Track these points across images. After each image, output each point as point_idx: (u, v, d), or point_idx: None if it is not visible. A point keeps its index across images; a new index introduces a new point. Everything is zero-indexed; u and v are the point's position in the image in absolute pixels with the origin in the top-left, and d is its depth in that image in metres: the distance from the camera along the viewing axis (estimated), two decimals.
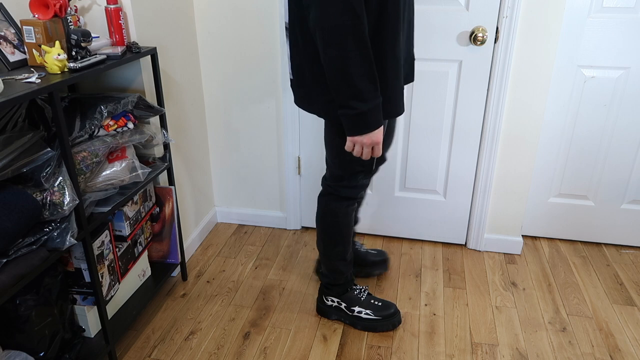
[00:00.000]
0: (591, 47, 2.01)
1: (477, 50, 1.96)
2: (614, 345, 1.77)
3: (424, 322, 1.86)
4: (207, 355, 1.72)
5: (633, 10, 1.93)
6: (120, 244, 1.73)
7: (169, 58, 1.95)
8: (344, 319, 1.84)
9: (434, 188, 2.25)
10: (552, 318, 1.89)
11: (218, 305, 1.95)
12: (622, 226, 2.29)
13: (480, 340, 1.78)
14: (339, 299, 1.83)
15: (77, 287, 1.60)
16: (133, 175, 1.62)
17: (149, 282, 1.91)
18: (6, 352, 1.33)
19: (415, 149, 2.18)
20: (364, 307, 1.80)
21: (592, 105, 2.10)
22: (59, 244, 1.33)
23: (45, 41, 1.41)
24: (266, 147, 2.33)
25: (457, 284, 2.08)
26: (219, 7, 2.10)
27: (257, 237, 2.41)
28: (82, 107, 1.50)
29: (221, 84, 2.24)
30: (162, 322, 1.87)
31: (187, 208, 2.22)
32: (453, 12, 1.93)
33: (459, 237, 2.32)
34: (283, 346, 1.75)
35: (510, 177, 2.15)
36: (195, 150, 2.25)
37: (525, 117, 2.03)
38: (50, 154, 1.32)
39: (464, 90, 2.03)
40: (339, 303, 1.83)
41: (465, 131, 2.10)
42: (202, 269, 2.16)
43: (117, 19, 1.62)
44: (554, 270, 2.17)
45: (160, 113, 1.77)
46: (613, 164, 2.18)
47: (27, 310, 1.37)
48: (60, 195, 1.32)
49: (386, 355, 1.71)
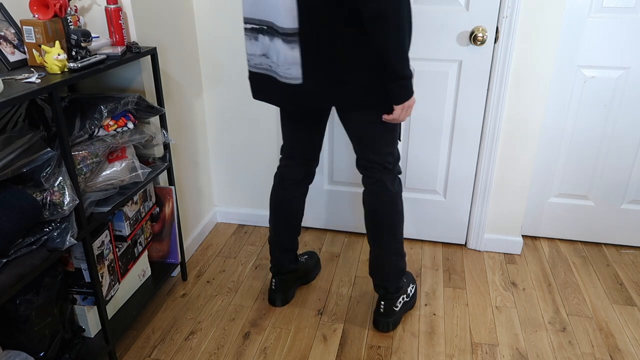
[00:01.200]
0: (591, 47, 2.01)
1: (477, 50, 1.96)
2: (614, 345, 1.77)
3: (424, 322, 1.86)
4: (207, 355, 1.72)
5: (633, 10, 1.93)
6: (120, 244, 1.73)
7: (169, 58, 1.95)
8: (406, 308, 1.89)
9: (434, 188, 2.25)
10: (552, 318, 1.89)
11: (218, 305, 1.95)
12: (622, 226, 2.29)
13: (480, 340, 1.78)
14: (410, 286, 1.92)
15: (77, 287, 1.60)
16: (133, 175, 1.62)
17: (149, 282, 1.91)
18: (6, 352, 1.33)
19: (415, 148, 2.18)
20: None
21: (592, 105, 2.10)
22: (59, 244, 1.33)
23: (45, 41, 1.41)
24: (266, 147, 2.33)
25: (457, 284, 2.08)
26: (219, 7, 2.10)
27: (257, 237, 2.41)
28: (82, 107, 1.50)
29: (221, 83, 2.24)
30: (162, 322, 1.87)
31: (187, 208, 2.22)
32: (453, 12, 1.93)
33: (459, 237, 2.32)
34: (283, 346, 1.75)
35: (510, 177, 2.15)
36: (195, 150, 2.25)
37: (525, 117, 2.03)
38: (50, 154, 1.32)
39: (464, 90, 2.03)
40: (406, 296, 1.89)
41: (465, 131, 2.10)
42: (202, 269, 2.17)
43: (117, 19, 1.62)
44: (554, 270, 2.17)
45: (160, 113, 1.77)
46: (613, 164, 2.18)
47: (27, 310, 1.37)
48: (60, 195, 1.32)
49: (386, 355, 1.71)
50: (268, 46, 1.48)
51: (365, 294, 2.01)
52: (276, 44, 1.45)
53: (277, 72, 1.49)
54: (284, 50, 1.44)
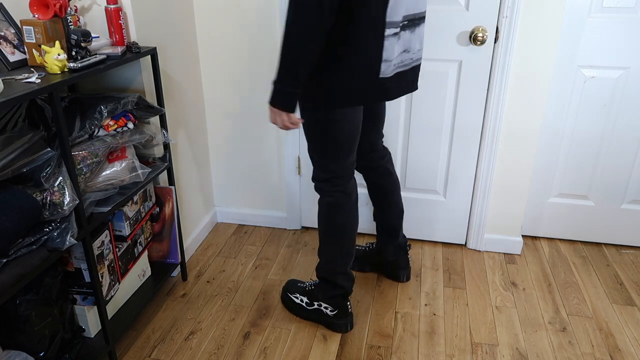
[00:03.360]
0: (591, 47, 2.01)
1: (477, 50, 1.96)
2: (614, 345, 1.77)
3: (424, 322, 1.86)
4: (207, 355, 1.72)
5: (633, 10, 1.93)
6: (120, 244, 1.73)
7: (169, 58, 1.95)
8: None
9: (434, 188, 2.25)
10: (552, 318, 1.89)
11: (218, 305, 1.95)
12: (622, 226, 2.29)
13: (480, 340, 1.78)
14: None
15: (77, 287, 1.60)
16: (133, 175, 1.62)
17: (149, 282, 1.91)
18: (6, 352, 1.33)
19: (415, 149, 2.18)
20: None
21: (592, 105, 2.10)
22: (59, 244, 1.33)
23: (45, 41, 1.41)
24: (266, 147, 2.33)
25: (457, 284, 2.08)
26: (218, 7, 2.10)
27: (257, 237, 2.41)
28: (82, 107, 1.50)
29: (221, 83, 2.24)
30: (162, 322, 1.87)
31: (187, 208, 2.22)
32: (453, 12, 1.93)
33: (459, 237, 2.32)
34: (283, 346, 1.75)
35: (510, 177, 2.15)
36: (195, 150, 2.25)
37: (525, 117, 2.03)
38: (50, 154, 1.32)
39: (464, 90, 2.03)
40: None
41: (465, 131, 2.10)
42: (202, 269, 2.17)
43: (117, 19, 1.62)
44: (554, 270, 2.17)
45: (160, 113, 1.77)
46: (613, 164, 2.18)
47: (27, 310, 1.37)
48: (60, 195, 1.32)
49: (386, 355, 1.71)
50: (409, 39, 1.55)
51: (365, 293, 2.01)
52: (419, 31, 1.58)
53: (412, 59, 1.60)
54: (423, 32, 1.60)
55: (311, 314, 1.85)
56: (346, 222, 1.70)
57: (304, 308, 1.86)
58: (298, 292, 1.88)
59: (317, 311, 1.83)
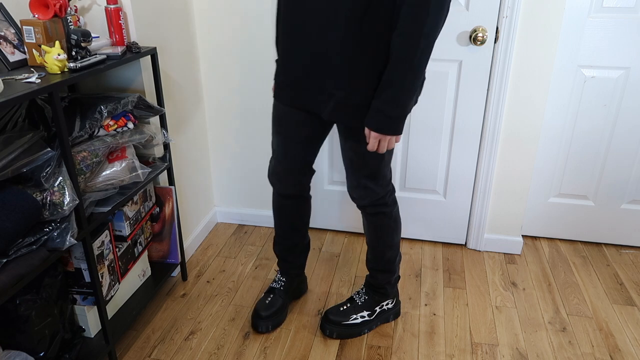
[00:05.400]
0: (591, 47, 2.01)
1: (477, 50, 1.96)
2: (614, 345, 1.77)
3: (424, 322, 1.86)
4: (207, 355, 1.72)
5: (633, 10, 1.93)
6: (120, 244, 1.73)
7: (169, 58, 1.95)
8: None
9: (434, 188, 2.25)
10: (552, 318, 1.89)
11: (218, 305, 1.95)
12: (622, 226, 2.29)
13: (480, 340, 1.78)
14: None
15: (77, 287, 1.60)
16: (133, 175, 1.62)
17: (149, 282, 1.91)
18: (6, 352, 1.33)
19: (415, 149, 2.18)
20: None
21: (592, 105, 2.10)
22: (59, 244, 1.33)
23: (45, 41, 1.41)
24: (266, 147, 2.33)
25: (457, 284, 2.08)
26: (218, 7, 2.10)
27: (257, 237, 2.41)
28: (82, 107, 1.50)
29: (221, 83, 2.24)
30: (162, 322, 1.87)
31: (187, 208, 2.22)
32: (453, 12, 1.93)
33: (459, 237, 2.32)
34: (283, 346, 1.75)
35: (510, 177, 2.15)
36: (195, 150, 2.25)
37: (525, 117, 2.03)
38: (50, 154, 1.32)
39: (464, 90, 2.03)
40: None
41: (465, 131, 2.10)
42: (202, 269, 2.17)
43: (117, 19, 1.62)
44: (554, 270, 2.17)
45: (160, 113, 1.77)
46: (613, 164, 2.18)
47: (27, 310, 1.37)
48: (60, 195, 1.32)
49: (386, 355, 1.71)
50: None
51: None
52: None
53: None
54: None
55: (377, 321, 1.82)
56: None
57: (368, 321, 1.80)
58: (351, 313, 1.80)
59: (382, 313, 1.82)
